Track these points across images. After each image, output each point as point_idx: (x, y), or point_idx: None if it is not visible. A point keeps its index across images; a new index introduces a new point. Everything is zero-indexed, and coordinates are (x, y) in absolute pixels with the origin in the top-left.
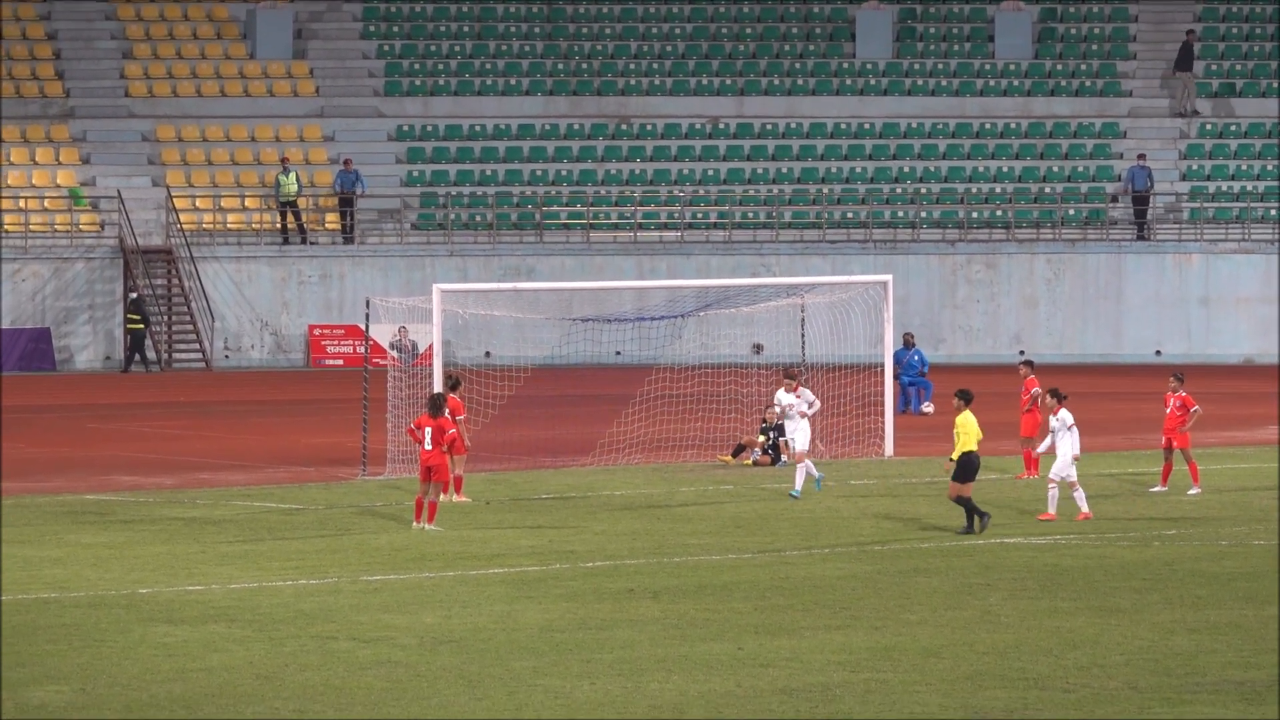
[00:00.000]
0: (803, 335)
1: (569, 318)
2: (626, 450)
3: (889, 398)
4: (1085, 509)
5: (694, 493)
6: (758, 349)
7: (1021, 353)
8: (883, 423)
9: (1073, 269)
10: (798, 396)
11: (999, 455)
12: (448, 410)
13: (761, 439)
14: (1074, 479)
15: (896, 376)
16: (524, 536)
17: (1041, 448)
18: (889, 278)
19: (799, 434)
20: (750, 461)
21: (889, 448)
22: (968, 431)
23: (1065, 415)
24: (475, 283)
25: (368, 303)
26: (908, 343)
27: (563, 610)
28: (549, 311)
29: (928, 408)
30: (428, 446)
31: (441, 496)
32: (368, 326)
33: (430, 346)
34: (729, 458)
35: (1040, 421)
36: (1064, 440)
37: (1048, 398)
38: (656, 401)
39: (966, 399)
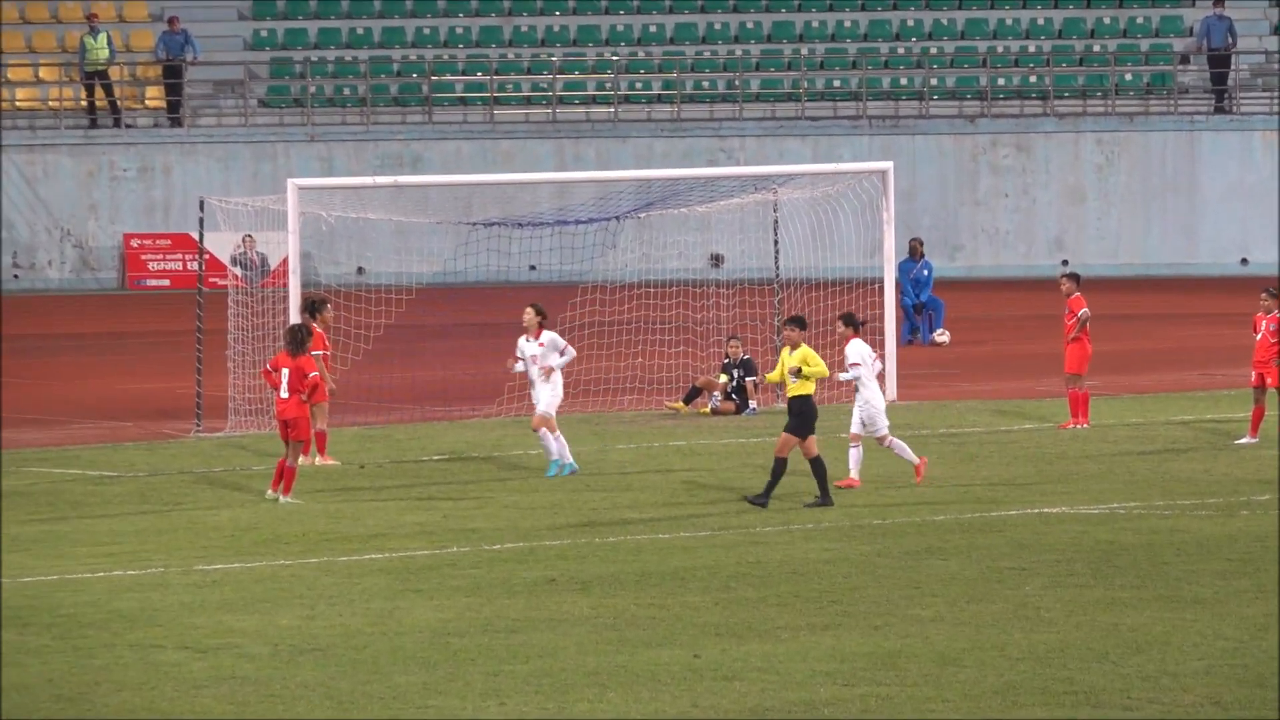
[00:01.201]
0: (776, 243)
1: (467, 222)
2: None
3: (890, 324)
4: (913, 457)
5: (634, 451)
6: (716, 261)
7: (1064, 263)
8: (882, 357)
9: (1131, 152)
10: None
11: (1036, 398)
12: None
13: (723, 379)
14: (884, 432)
15: (899, 297)
16: (409, 511)
17: (850, 375)
18: (889, 165)
19: (543, 393)
20: (708, 409)
21: (891, 390)
22: (813, 367)
23: (861, 349)
24: (343, 176)
25: (201, 204)
26: (915, 252)
27: (461, 607)
28: (440, 214)
29: (941, 336)
30: (284, 394)
31: (301, 459)
32: (202, 236)
33: (284, 261)
34: (680, 405)
35: (1089, 353)
36: (871, 382)
37: (840, 325)
38: (584, 331)
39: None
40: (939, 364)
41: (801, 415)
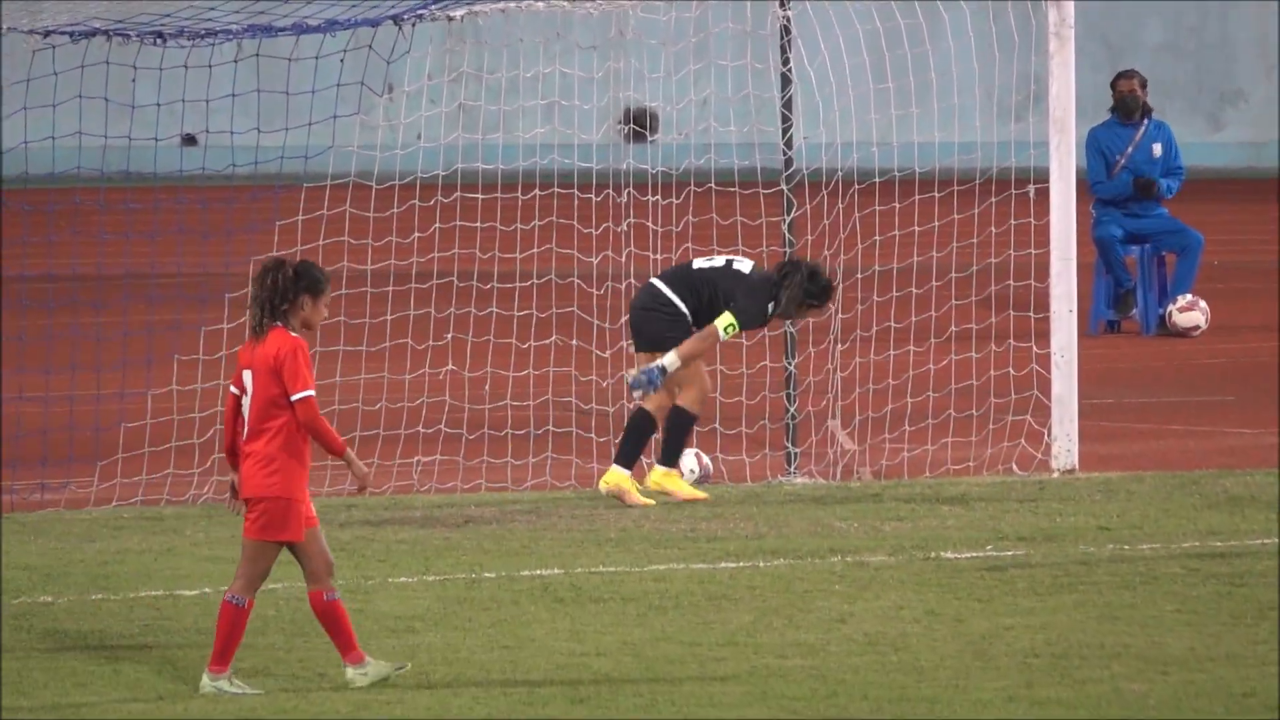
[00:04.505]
0: (788, 83)
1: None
2: None
3: (1070, 288)
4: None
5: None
6: (639, 125)
7: None
8: (1045, 361)
9: None
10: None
11: None
12: None
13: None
14: None
15: (1095, 219)
16: None
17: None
18: None
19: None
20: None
21: (1066, 445)
22: None
23: None
24: None
25: None
26: (1128, 105)
27: None
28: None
29: (1188, 313)
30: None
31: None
32: None
33: None
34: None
35: None
36: None
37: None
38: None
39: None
40: (1191, 383)
41: None
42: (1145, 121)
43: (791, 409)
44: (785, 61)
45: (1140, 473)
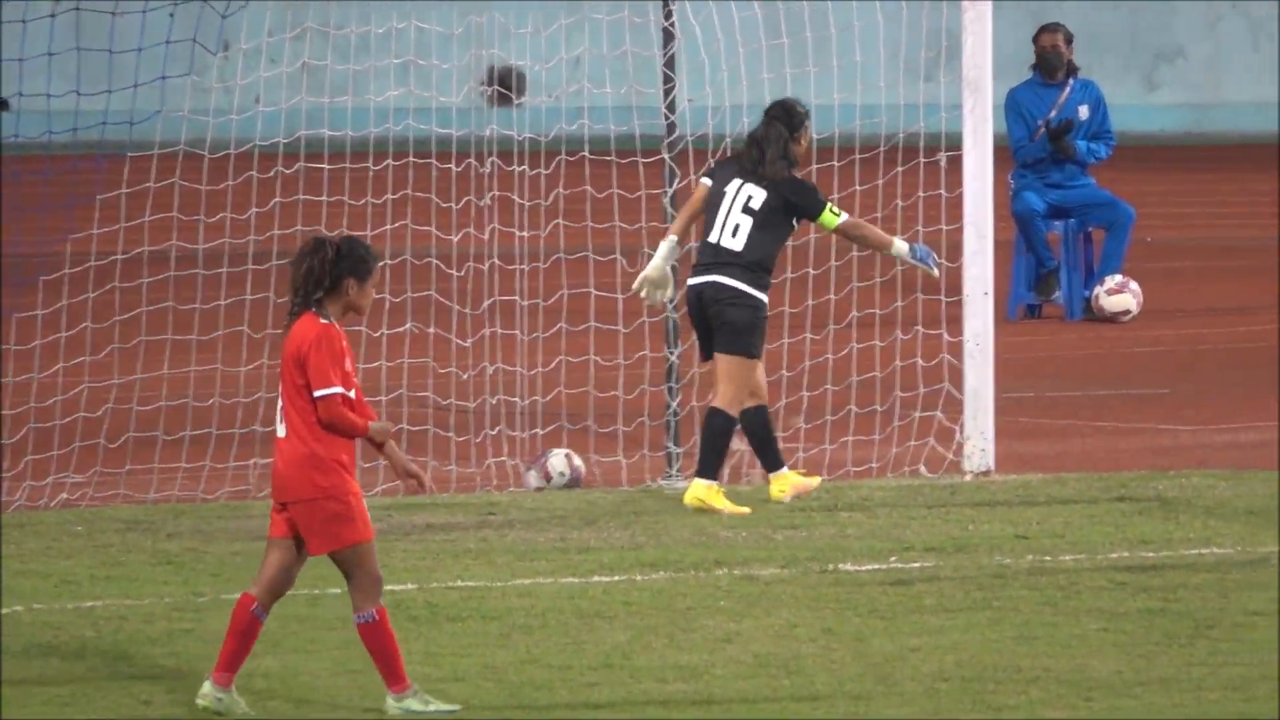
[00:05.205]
0: (669, 31)
1: None
2: None
3: (985, 268)
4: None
5: None
6: (502, 85)
7: None
8: (956, 350)
9: None
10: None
11: None
12: None
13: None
14: None
15: (1010, 189)
16: None
17: None
18: None
19: None
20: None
21: (980, 444)
22: None
23: None
24: None
25: None
26: (1051, 63)
27: None
28: None
29: (1117, 296)
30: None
31: None
32: None
33: None
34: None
35: None
36: None
37: None
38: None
39: None
40: (1120, 374)
41: None
42: (1071, 81)
43: (673, 404)
44: (667, 15)
45: (1063, 475)
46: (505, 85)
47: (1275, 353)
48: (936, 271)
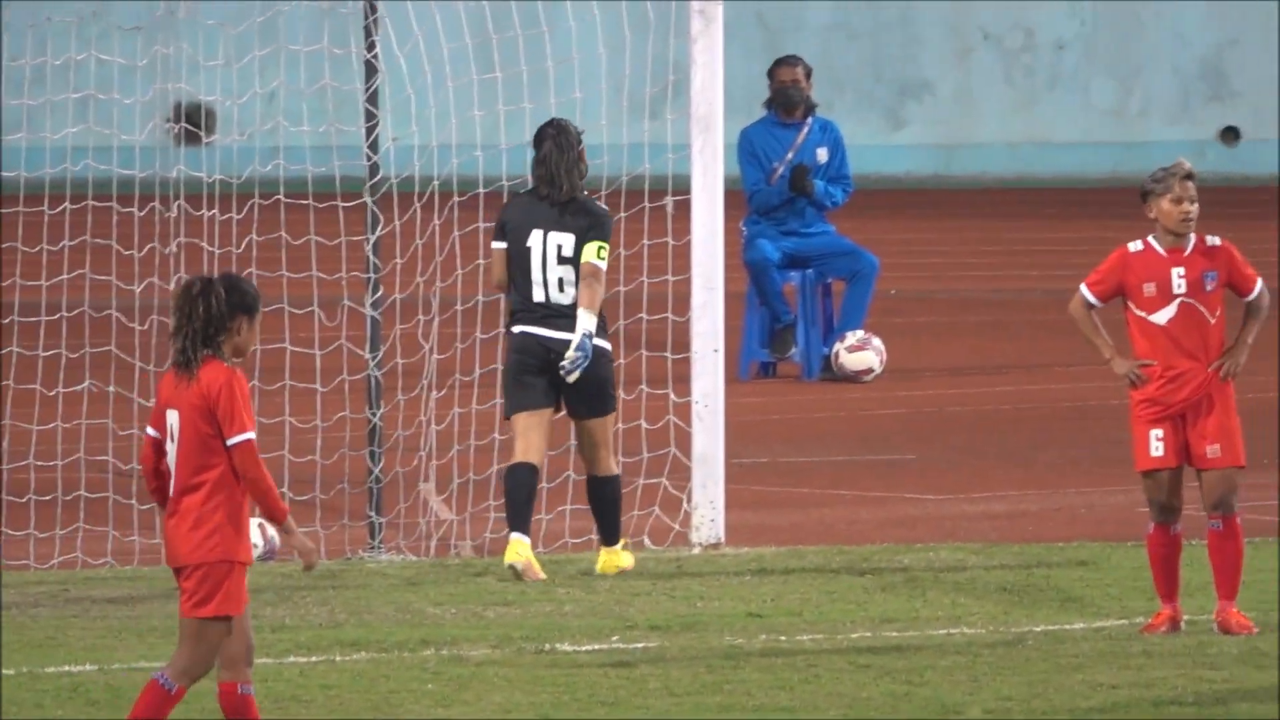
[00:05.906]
0: (372, 64)
1: None
2: None
3: (715, 323)
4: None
5: None
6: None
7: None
8: (684, 412)
9: None
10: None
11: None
12: None
13: None
14: None
15: (745, 236)
16: None
17: None
18: None
19: None
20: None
21: (710, 514)
22: None
23: None
24: None
25: None
26: (790, 99)
27: None
28: None
29: (858, 353)
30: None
31: None
32: None
33: None
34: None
35: None
36: None
37: None
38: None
39: None
40: (862, 438)
41: None
42: (810, 120)
43: (376, 470)
44: (370, 47)
45: (800, 547)
46: (193, 122)
47: (1025, 414)
48: (575, 376)
